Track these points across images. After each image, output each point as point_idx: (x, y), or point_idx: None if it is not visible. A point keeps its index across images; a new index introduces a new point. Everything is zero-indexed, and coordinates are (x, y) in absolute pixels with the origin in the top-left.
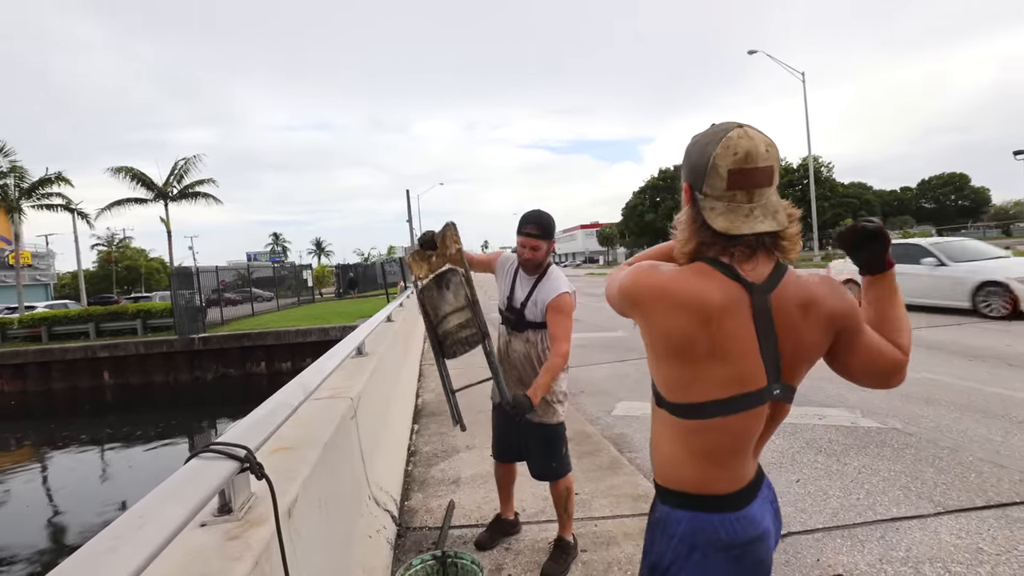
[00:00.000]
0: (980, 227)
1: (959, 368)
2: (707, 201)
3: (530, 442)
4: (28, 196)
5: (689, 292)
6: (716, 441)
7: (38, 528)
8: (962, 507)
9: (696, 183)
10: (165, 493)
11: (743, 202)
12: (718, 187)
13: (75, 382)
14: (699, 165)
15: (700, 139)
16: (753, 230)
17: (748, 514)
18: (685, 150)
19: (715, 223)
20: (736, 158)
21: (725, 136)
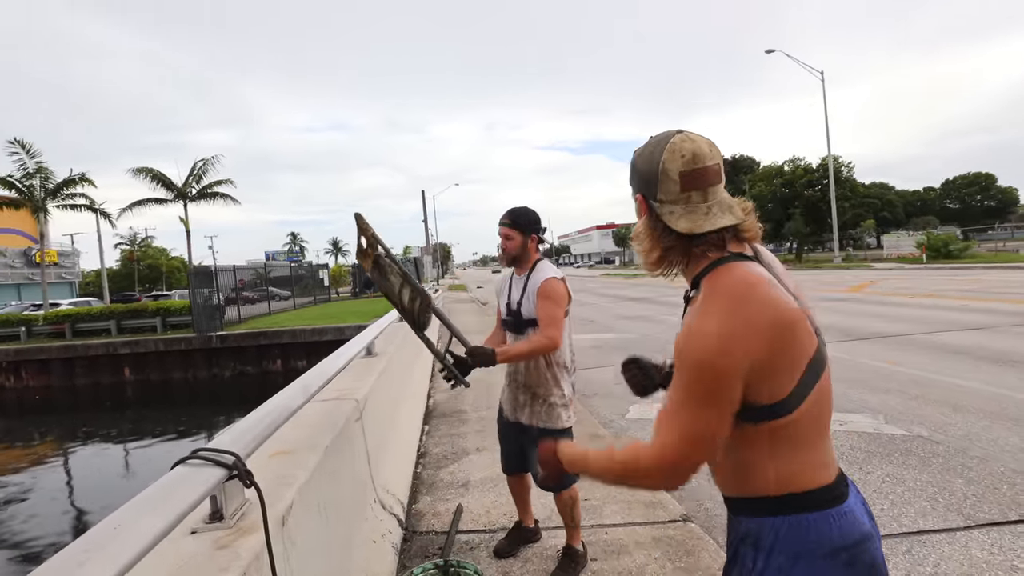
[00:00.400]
0: (1008, 228)
1: (987, 373)
2: (664, 207)
3: (533, 449)
4: (53, 196)
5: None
6: (809, 421)
7: (59, 519)
8: (994, 521)
9: (649, 192)
10: (144, 503)
11: (699, 202)
12: (672, 191)
13: (97, 378)
14: (649, 173)
15: (644, 151)
16: (715, 226)
17: (850, 509)
18: (631, 164)
19: (677, 225)
20: (684, 160)
21: (668, 142)
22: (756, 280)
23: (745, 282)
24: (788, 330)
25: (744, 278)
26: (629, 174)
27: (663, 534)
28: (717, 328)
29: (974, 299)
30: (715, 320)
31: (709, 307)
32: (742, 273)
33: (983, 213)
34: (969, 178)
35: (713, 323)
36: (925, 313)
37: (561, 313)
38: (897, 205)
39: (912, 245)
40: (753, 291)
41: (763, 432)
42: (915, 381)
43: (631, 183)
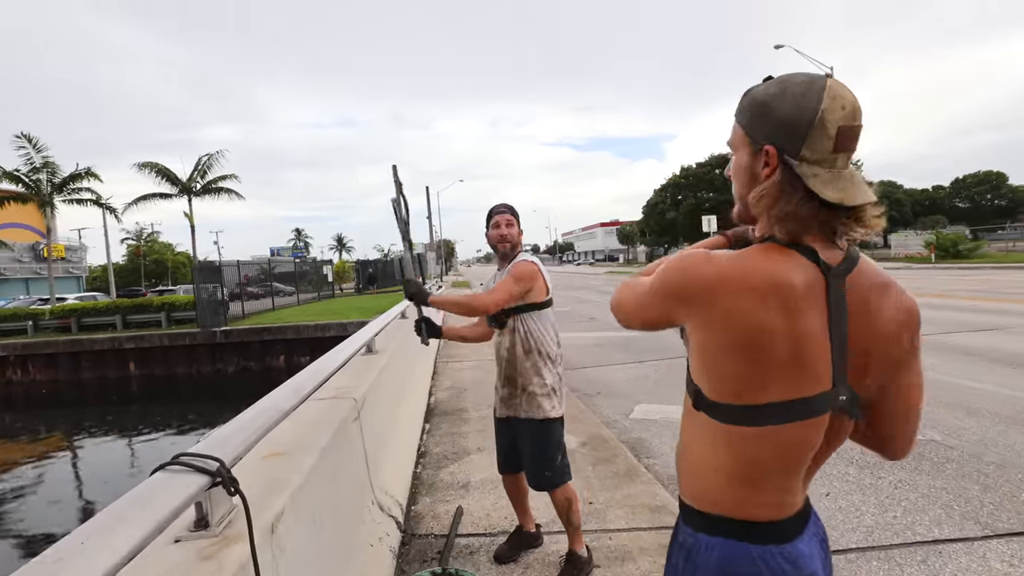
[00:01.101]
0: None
1: (1002, 376)
2: (806, 167)
3: (521, 444)
4: (60, 191)
5: (768, 274)
6: (766, 454)
7: (65, 512)
8: (1013, 531)
9: (790, 144)
10: (115, 514)
11: (843, 168)
12: (823, 149)
13: (103, 372)
14: (797, 120)
15: (785, 90)
16: (867, 199)
17: (795, 550)
18: (758, 104)
19: (825, 193)
20: (845, 113)
21: (826, 86)
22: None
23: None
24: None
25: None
26: (750, 116)
27: (667, 540)
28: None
29: (985, 299)
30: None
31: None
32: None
33: (993, 212)
34: (979, 177)
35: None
36: (935, 314)
37: (517, 289)
38: (905, 204)
39: (920, 244)
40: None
41: (715, 433)
42: (927, 383)
43: (750, 129)
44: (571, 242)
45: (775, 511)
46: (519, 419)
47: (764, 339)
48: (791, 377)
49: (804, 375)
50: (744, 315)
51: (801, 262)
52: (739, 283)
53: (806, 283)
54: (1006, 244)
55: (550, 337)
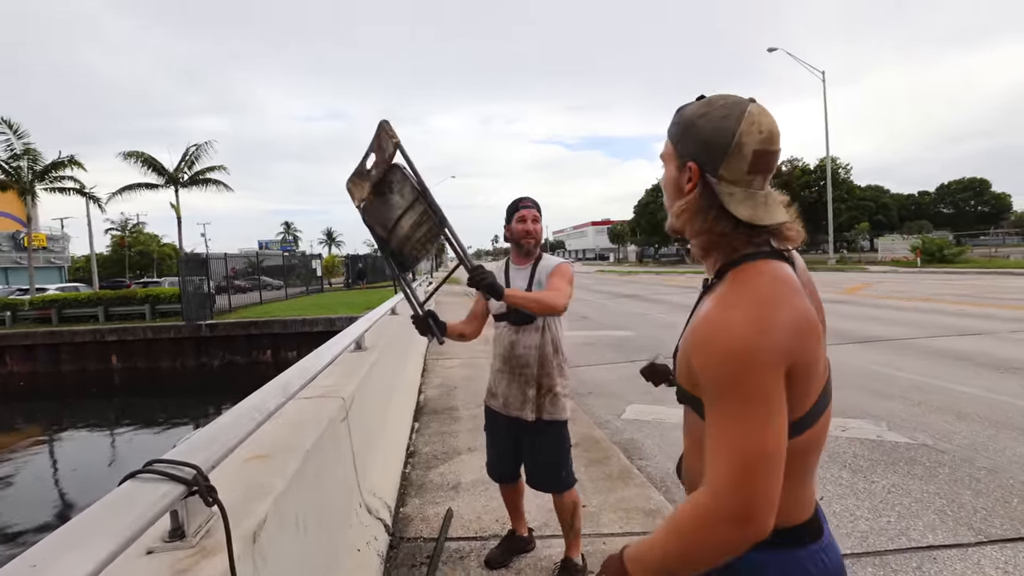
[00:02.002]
0: (1000, 234)
1: (989, 380)
2: (724, 186)
3: (537, 445)
4: (41, 179)
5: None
6: (808, 454)
7: (41, 507)
8: (1007, 537)
9: (709, 163)
10: (76, 530)
11: (758, 189)
12: (739, 170)
13: (83, 365)
14: (718, 143)
15: (710, 112)
16: (775, 220)
17: (830, 543)
18: (686, 122)
19: (738, 212)
20: (762, 137)
21: (746, 111)
22: (789, 282)
23: (778, 280)
24: (813, 342)
25: (778, 276)
26: (676, 132)
27: None
28: (745, 316)
29: (971, 304)
30: (742, 311)
31: (734, 299)
32: (777, 271)
33: (977, 218)
34: (964, 183)
35: (740, 313)
36: (922, 317)
37: (570, 290)
38: (892, 208)
39: (906, 249)
40: (784, 291)
41: None
42: (916, 387)
43: (679, 145)
44: (562, 240)
45: (809, 507)
46: (543, 421)
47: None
48: (823, 376)
49: (825, 360)
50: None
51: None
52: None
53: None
54: (988, 249)
55: (562, 336)
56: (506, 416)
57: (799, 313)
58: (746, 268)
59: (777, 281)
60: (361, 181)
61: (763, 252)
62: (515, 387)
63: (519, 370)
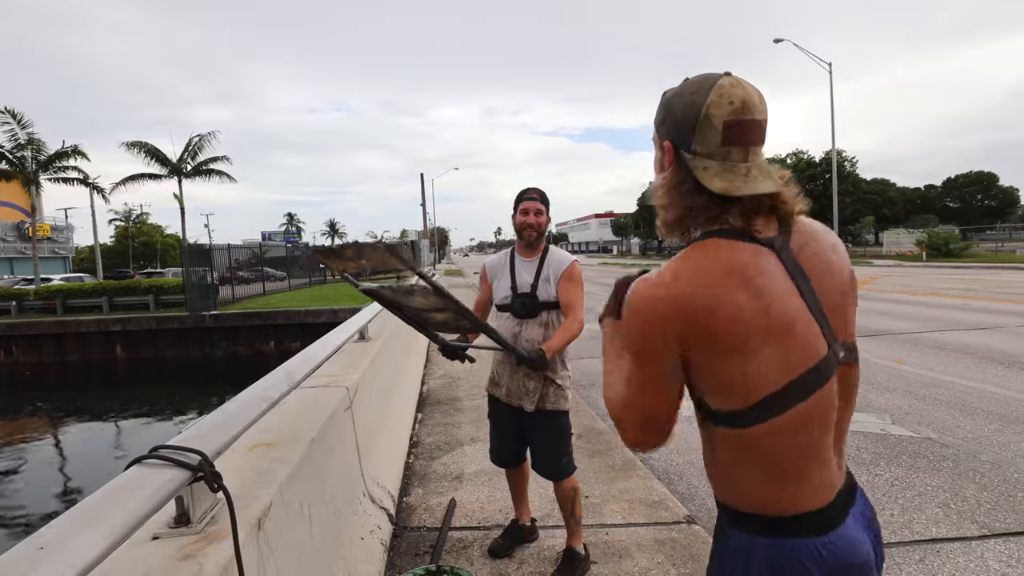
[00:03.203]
0: (1007, 228)
1: (995, 375)
2: (698, 160)
3: (538, 434)
4: (45, 169)
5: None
6: (798, 438)
7: (46, 495)
8: (1010, 531)
9: (682, 140)
10: (84, 513)
11: (738, 160)
12: (712, 142)
13: (88, 355)
14: (687, 118)
15: (683, 90)
16: (755, 190)
17: (841, 537)
18: (663, 104)
19: (711, 184)
20: (733, 108)
21: (716, 84)
22: (730, 263)
23: (717, 259)
24: (739, 335)
25: (720, 256)
26: (657, 116)
27: (666, 536)
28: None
29: (977, 298)
30: (658, 289)
31: (664, 271)
32: (724, 250)
33: (983, 212)
34: (971, 177)
35: (655, 291)
36: (928, 311)
37: (583, 296)
38: (897, 202)
39: (912, 243)
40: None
41: (729, 438)
42: (921, 381)
43: (658, 127)
44: (565, 232)
45: (813, 499)
46: (547, 411)
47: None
48: (792, 353)
49: (803, 347)
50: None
51: (746, 246)
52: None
53: (761, 262)
54: (995, 244)
55: None
56: (508, 405)
57: (709, 301)
58: (702, 243)
59: (715, 262)
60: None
61: (724, 231)
62: (517, 378)
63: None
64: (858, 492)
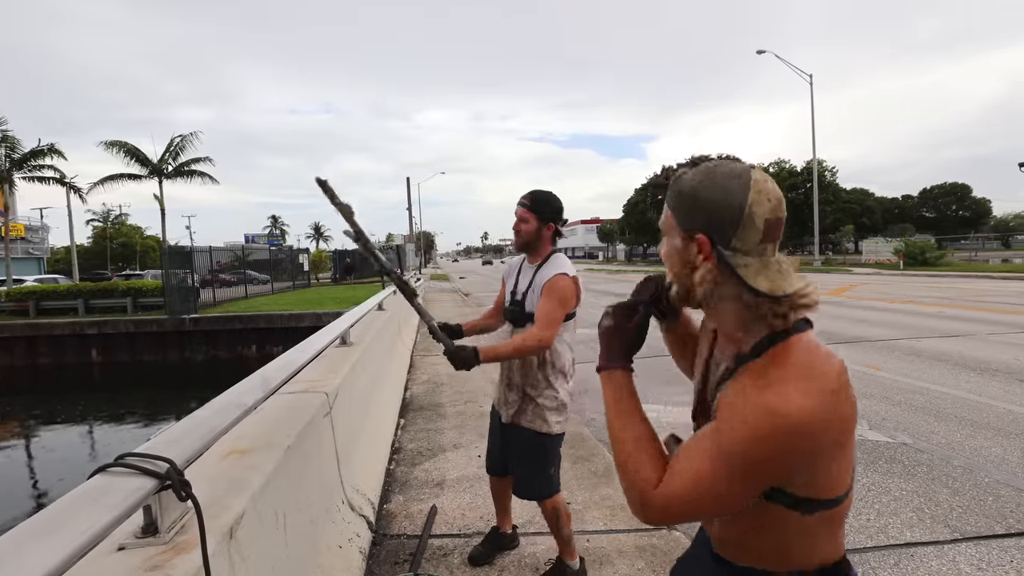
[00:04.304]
0: (979, 238)
1: (968, 381)
2: (739, 257)
3: (512, 448)
4: (19, 167)
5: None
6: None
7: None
8: (981, 534)
9: (720, 235)
10: (44, 523)
11: (771, 256)
12: (752, 240)
13: (62, 358)
14: (727, 213)
15: (712, 182)
16: (793, 288)
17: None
18: (690, 193)
19: (758, 284)
20: (772, 206)
21: (752, 179)
22: (840, 365)
23: (832, 365)
24: (855, 421)
25: (830, 360)
26: (680, 205)
27: (647, 543)
28: (800, 413)
29: (951, 306)
30: (798, 402)
31: (790, 386)
32: (826, 353)
33: (958, 222)
34: (946, 188)
35: (796, 405)
36: (904, 319)
37: (561, 313)
38: (876, 211)
39: (890, 251)
40: (842, 379)
41: (813, 521)
42: (897, 387)
43: (683, 216)
44: None
45: (841, 547)
46: (520, 427)
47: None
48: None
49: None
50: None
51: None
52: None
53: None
54: (969, 253)
55: (566, 348)
56: (498, 411)
57: (852, 398)
58: (795, 344)
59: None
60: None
61: (800, 325)
62: (502, 386)
63: (506, 371)
64: None
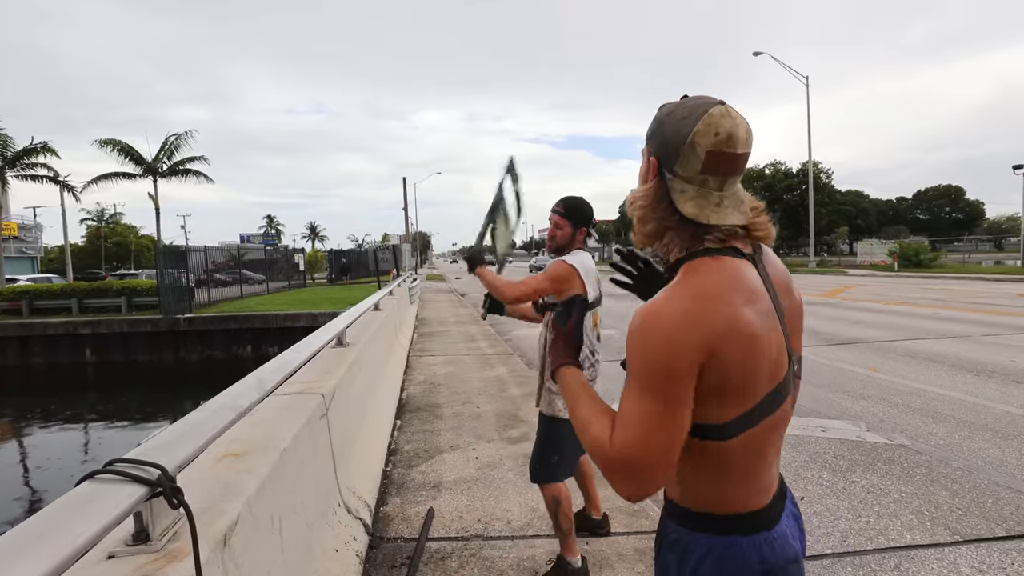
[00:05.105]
0: (973, 240)
1: (964, 383)
2: (676, 182)
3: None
4: (12, 165)
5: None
6: (755, 448)
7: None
8: (981, 536)
9: (666, 160)
10: (28, 534)
11: (713, 189)
12: (692, 168)
13: (55, 358)
14: (673, 141)
15: (676, 111)
16: (723, 221)
17: (781, 532)
18: (656, 120)
19: (684, 208)
20: (717, 139)
21: (706, 113)
22: (735, 283)
23: (723, 278)
24: (743, 347)
25: (724, 275)
26: (650, 128)
27: (646, 546)
28: (678, 309)
29: (946, 307)
30: (677, 303)
31: (675, 291)
32: (726, 269)
33: (951, 225)
34: (940, 190)
35: (675, 305)
36: (900, 320)
37: (545, 286)
38: (870, 213)
39: (885, 253)
40: (724, 291)
41: (706, 449)
42: (895, 388)
43: (649, 139)
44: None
45: (760, 498)
46: (541, 413)
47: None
48: (772, 370)
49: (779, 359)
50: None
51: (734, 260)
52: (718, 307)
53: (750, 273)
54: (962, 255)
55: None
56: None
57: (729, 316)
58: (697, 263)
59: (721, 279)
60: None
61: (720, 249)
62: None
63: (539, 358)
64: (787, 490)
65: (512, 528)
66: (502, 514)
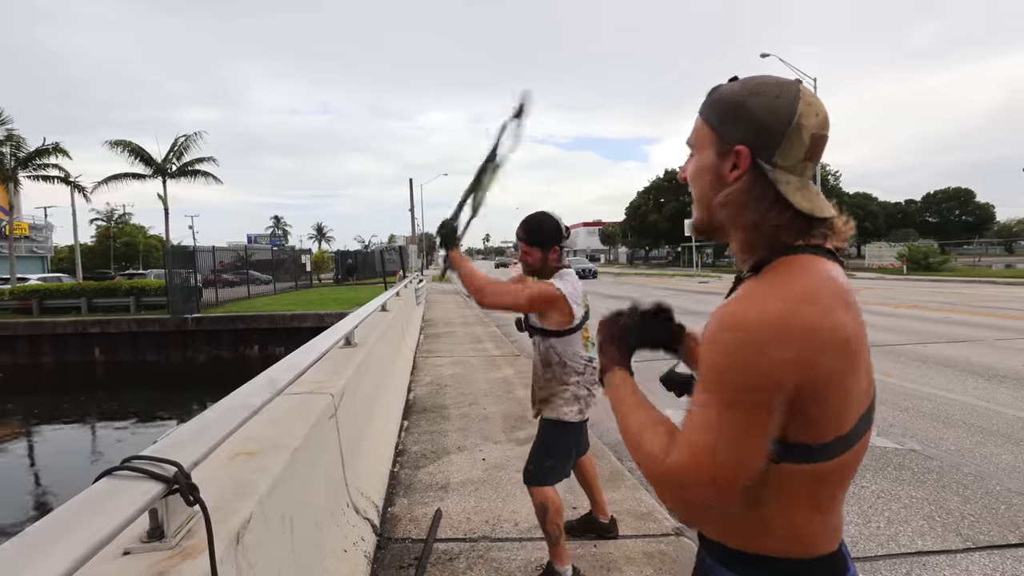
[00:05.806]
0: (983, 243)
1: (976, 387)
2: (780, 173)
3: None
4: (24, 166)
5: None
6: (834, 481)
7: (10, 506)
8: (994, 543)
9: (763, 148)
10: (47, 529)
11: (809, 178)
12: (796, 156)
13: (65, 357)
14: (774, 124)
15: (762, 91)
16: (832, 212)
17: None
18: (734, 102)
19: (799, 202)
20: (819, 121)
21: (800, 92)
22: (837, 286)
23: (825, 281)
24: (845, 361)
25: (825, 277)
26: (720, 113)
27: (655, 549)
28: (776, 311)
29: (956, 311)
30: (775, 304)
31: (769, 289)
32: (826, 270)
33: (961, 227)
34: (949, 193)
35: (772, 305)
36: (910, 324)
37: (524, 304)
38: (879, 216)
39: (893, 256)
40: (827, 295)
41: (785, 475)
42: (905, 393)
43: (722, 126)
44: None
45: (834, 537)
46: (541, 417)
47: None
48: (867, 387)
49: (870, 373)
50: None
51: (831, 263)
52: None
53: (846, 279)
54: (972, 259)
55: (571, 355)
56: None
57: (835, 324)
58: (792, 260)
59: (823, 281)
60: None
61: (816, 248)
62: None
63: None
64: None
65: (520, 530)
66: (510, 516)
